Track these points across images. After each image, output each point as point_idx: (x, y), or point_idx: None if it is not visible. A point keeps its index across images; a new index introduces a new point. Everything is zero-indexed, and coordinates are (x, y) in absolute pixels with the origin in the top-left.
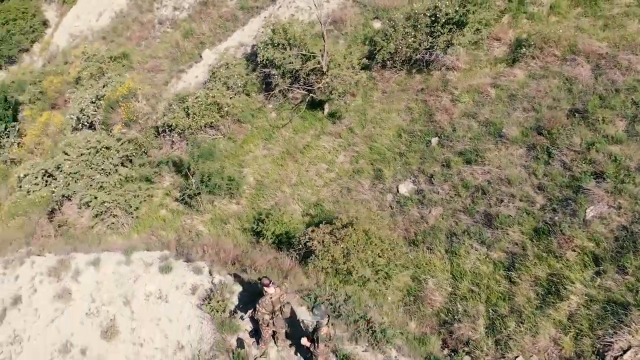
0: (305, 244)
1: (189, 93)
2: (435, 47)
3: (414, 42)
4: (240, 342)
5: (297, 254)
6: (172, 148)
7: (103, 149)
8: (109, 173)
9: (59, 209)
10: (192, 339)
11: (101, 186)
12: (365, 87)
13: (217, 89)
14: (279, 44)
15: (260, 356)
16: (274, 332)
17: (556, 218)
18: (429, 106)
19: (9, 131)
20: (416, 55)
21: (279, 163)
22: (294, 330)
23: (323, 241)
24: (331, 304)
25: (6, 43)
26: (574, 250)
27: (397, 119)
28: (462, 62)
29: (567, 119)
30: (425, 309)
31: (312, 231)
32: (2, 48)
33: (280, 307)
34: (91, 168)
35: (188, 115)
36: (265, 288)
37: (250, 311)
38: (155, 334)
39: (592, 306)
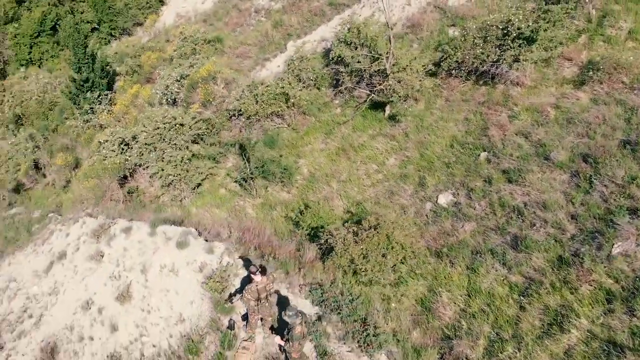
0: (326, 240)
1: (261, 81)
2: (502, 60)
3: (482, 53)
4: (231, 324)
5: (319, 248)
6: (240, 132)
7: (177, 125)
8: (180, 148)
9: (131, 177)
10: (192, 314)
11: (169, 160)
12: (429, 94)
13: (288, 80)
14: (351, 43)
15: (247, 340)
16: (262, 319)
17: (582, 249)
18: (485, 120)
19: (101, 99)
20: (483, 66)
21: (333, 158)
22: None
23: (344, 240)
24: (335, 301)
25: (122, 16)
26: (590, 285)
27: (453, 129)
28: (529, 78)
29: (617, 149)
30: (433, 322)
31: (336, 229)
32: (118, 20)
33: (266, 296)
34: (164, 141)
35: (257, 102)
36: (252, 275)
37: (238, 295)
38: (162, 304)
39: (590, 343)
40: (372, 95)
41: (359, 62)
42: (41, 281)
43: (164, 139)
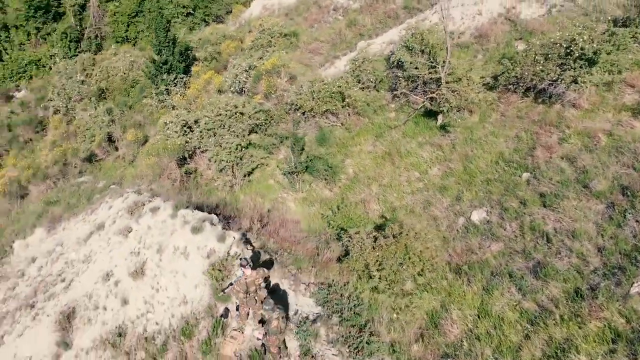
0: (344, 243)
1: (322, 78)
2: (561, 80)
3: (542, 71)
4: (225, 312)
5: (340, 250)
6: (295, 126)
7: (238, 113)
8: (237, 136)
9: (191, 159)
10: (194, 298)
11: (225, 146)
12: (485, 107)
13: (345, 80)
14: (412, 48)
15: (236, 330)
16: (251, 311)
17: (600, 284)
18: (535, 139)
19: (177, 81)
20: (541, 84)
21: (378, 162)
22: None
23: (362, 244)
24: (338, 303)
25: (217, 3)
26: (600, 321)
27: (502, 145)
28: (587, 101)
29: None
30: (438, 338)
31: (356, 232)
32: (212, 7)
33: (255, 289)
34: (223, 128)
35: (313, 98)
36: (242, 268)
37: (229, 287)
38: (170, 284)
39: None
40: (425, 102)
41: (416, 68)
42: (80, 248)
43: (223, 126)
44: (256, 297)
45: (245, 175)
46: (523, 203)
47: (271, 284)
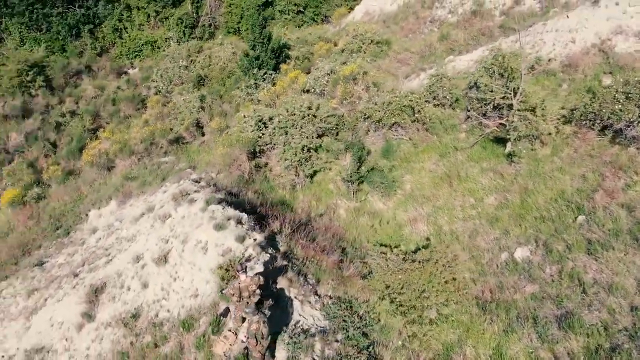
0: (366, 261)
1: (395, 89)
2: (638, 122)
3: (621, 110)
4: (225, 312)
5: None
6: (362, 135)
7: (310, 115)
8: (307, 137)
9: (261, 153)
10: (204, 293)
11: (292, 146)
12: (558, 140)
13: (419, 95)
14: (492, 70)
15: (230, 331)
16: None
17: (624, 345)
18: (600, 182)
19: (266, 77)
20: (618, 124)
21: (437, 182)
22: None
23: (387, 265)
24: (344, 321)
25: (327, 3)
26: None
27: (567, 183)
28: None
29: None
30: None
31: (382, 252)
32: (322, 7)
33: (249, 295)
34: (295, 127)
35: (383, 110)
36: (237, 272)
37: (227, 288)
38: (187, 275)
39: None
40: (495, 128)
41: (491, 91)
42: (130, 227)
43: (295, 125)
44: (248, 302)
45: (307, 176)
46: (569, 247)
47: (276, 291)
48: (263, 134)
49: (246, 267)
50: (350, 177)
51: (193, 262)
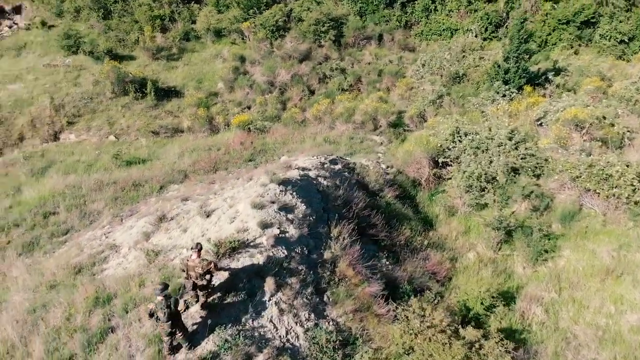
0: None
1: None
2: None
3: None
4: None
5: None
6: (558, 188)
7: (507, 146)
8: (490, 167)
9: (445, 165)
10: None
11: (467, 170)
12: None
13: None
14: None
15: (185, 301)
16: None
17: None
18: None
19: (505, 93)
20: None
21: (591, 272)
22: None
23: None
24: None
25: None
26: None
27: None
28: None
29: None
30: None
31: (422, 308)
32: None
33: (196, 276)
34: (484, 152)
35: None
36: (191, 250)
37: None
38: (209, 234)
39: None
40: None
41: None
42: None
43: (487, 150)
44: (195, 282)
45: (472, 206)
46: None
47: (245, 285)
48: (454, 146)
49: (200, 247)
50: (500, 224)
51: (220, 226)
